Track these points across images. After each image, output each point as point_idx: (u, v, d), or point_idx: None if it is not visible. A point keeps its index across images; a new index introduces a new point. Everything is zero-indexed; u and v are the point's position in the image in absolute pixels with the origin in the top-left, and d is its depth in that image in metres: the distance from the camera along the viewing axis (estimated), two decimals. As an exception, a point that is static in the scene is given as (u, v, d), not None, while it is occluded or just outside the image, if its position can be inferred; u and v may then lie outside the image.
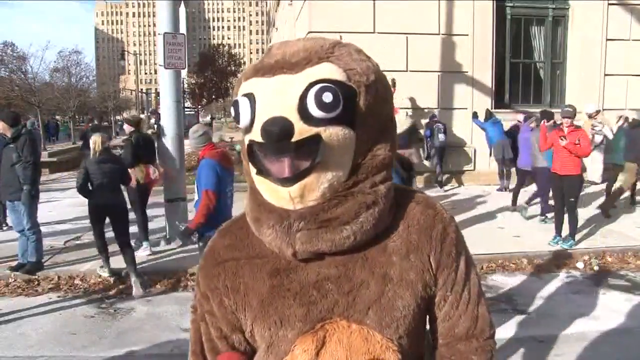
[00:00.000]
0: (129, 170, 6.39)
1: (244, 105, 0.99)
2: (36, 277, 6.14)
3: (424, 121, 11.43)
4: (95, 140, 5.80)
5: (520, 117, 11.60)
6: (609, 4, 12.00)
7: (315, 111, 0.94)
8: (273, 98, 0.97)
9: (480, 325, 1.14)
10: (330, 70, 0.99)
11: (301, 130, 0.93)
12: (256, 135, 0.96)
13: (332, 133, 0.96)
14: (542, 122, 8.20)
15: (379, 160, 1.05)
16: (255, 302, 1.08)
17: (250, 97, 0.99)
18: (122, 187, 6.13)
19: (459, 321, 1.12)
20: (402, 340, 1.04)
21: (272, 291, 1.07)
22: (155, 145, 7.43)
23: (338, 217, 1.00)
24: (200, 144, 4.77)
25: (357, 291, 1.03)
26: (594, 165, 11.34)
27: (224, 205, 4.63)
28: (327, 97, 0.93)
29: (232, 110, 1.02)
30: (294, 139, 0.93)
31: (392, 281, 1.04)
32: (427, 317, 1.16)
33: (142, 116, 12.28)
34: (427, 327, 1.19)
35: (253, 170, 1.02)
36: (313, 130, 0.95)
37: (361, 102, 1.00)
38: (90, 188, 5.74)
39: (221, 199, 4.55)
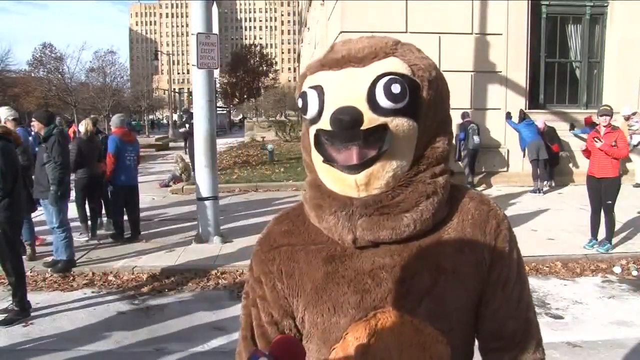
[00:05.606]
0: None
1: (312, 96, 1.03)
2: (71, 272, 6.28)
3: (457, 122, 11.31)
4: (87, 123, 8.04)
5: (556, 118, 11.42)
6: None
7: (383, 101, 0.98)
8: (342, 89, 1.01)
9: (529, 331, 1.12)
10: (396, 64, 1.03)
11: (370, 119, 0.97)
12: (325, 124, 0.99)
13: (399, 124, 1.00)
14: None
15: (439, 152, 1.08)
16: (309, 287, 1.11)
17: (318, 88, 1.03)
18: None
19: (507, 321, 1.11)
20: (453, 334, 1.05)
21: (327, 277, 1.09)
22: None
23: (399, 204, 1.03)
24: (114, 126, 7.99)
25: (411, 281, 1.04)
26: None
27: (123, 165, 7.63)
28: (396, 88, 0.98)
29: (299, 101, 1.06)
30: (362, 127, 0.96)
31: (445, 272, 1.05)
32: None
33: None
34: None
35: (319, 158, 1.05)
36: (381, 119, 0.98)
37: (424, 95, 1.04)
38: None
39: (120, 161, 7.58)
